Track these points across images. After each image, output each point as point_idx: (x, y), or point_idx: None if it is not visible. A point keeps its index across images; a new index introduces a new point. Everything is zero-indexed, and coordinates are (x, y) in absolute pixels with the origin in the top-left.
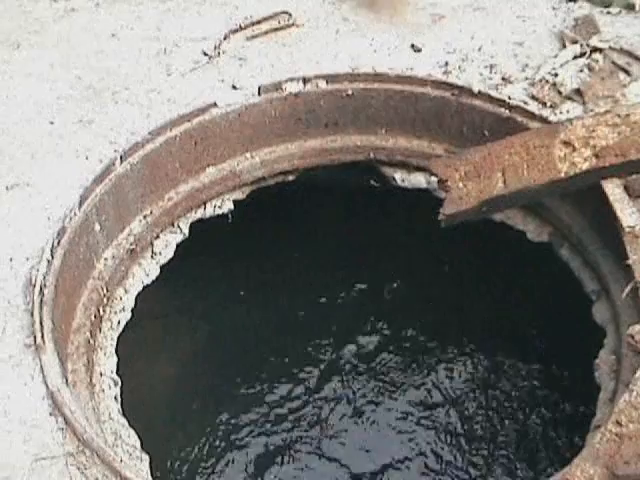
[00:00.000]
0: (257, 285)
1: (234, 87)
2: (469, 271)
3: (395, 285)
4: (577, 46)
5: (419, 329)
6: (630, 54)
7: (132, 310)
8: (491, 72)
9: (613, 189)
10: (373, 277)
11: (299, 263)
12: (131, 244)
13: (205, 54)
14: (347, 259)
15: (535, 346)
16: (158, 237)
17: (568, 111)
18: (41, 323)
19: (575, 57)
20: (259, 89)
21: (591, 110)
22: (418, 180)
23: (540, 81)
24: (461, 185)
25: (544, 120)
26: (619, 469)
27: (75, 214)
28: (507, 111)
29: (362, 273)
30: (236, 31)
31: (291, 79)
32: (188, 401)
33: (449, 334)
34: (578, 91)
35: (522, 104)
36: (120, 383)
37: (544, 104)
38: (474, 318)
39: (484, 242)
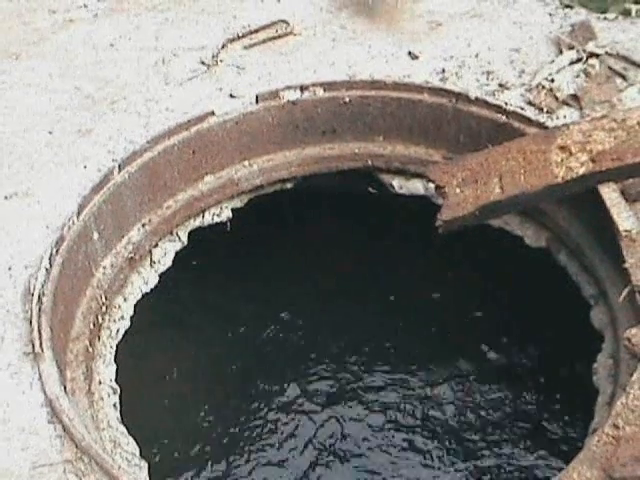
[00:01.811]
0: (256, 293)
1: (232, 95)
2: (467, 277)
3: (393, 292)
4: (573, 52)
5: (418, 335)
6: (626, 59)
7: (131, 318)
8: (488, 78)
9: (610, 193)
10: (371, 284)
11: (298, 270)
12: (130, 252)
13: (203, 63)
14: (346, 266)
15: (533, 351)
16: (157, 245)
17: (565, 116)
18: (39, 331)
19: (571, 63)
20: (257, 97)
21: (588, 115)
22: (416, 187)
23: (537, 87)
24: (458, 191)
25: (541, 125)
26: (616, 472)
27: (74, 223)
28: (504, 117)
29: (361, 280)
30: (234, 40)
31: (289, 87)
32: (187, 409)
33: (447, 340)
34: (575, 96)
35: (519, 110)
36: (119, 391)
37: (541, 110)
38: (472, 324)
39: (482, 248)
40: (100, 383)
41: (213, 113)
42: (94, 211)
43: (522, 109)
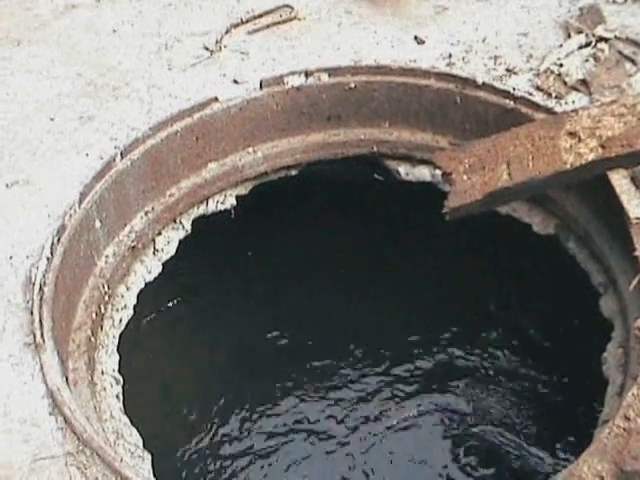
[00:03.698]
0: (260, 281)
1: (235, 81)
2: (474, 265)
3: (399, 279)
4: (582, 36)
5: (424, 323)
6: (636, 43)
7: (134, 307)
8: (495, 63)
9: (619, 180)
10: (377, 271)
11: (302, 258)
12: (132, 241)
13: (206, 49)
14: (351, 253)
15: (542, 339)
16: (160, 234)
17: (574, 102)
18: (41, 321)
19: (580, 47)
20: (261, 83)
21: (597, 100)
22: (422, 173)
23: (545, 72)
24: (465, 178)
25: (549, 111)
26: (627, 464)
27: (75, 211)
28: (512, 102)
29: (366, 267)
30: (237, 25)
31: (293, 73)
32: (191, 398)
33: (454, 328)
34: (584, 81)
35: (527, 95)
36: (122, 381)
37: (549, 95)
38: (479, 312)
39: (489, 235)
40: (103, 373)
41: (216, 99)
42: (96, 199)
43: (530, 94)
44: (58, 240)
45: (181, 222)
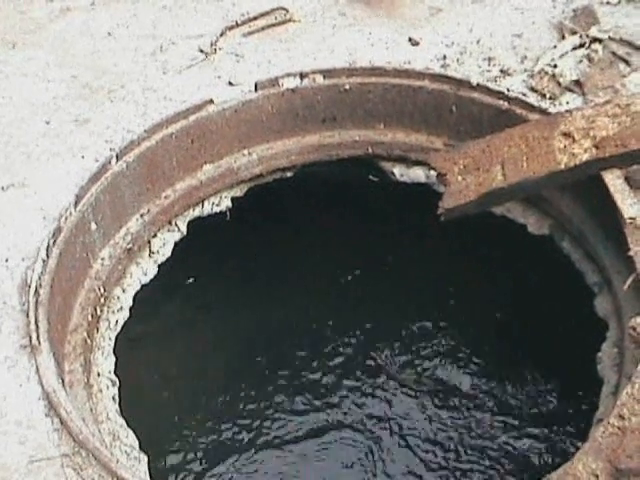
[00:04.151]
0: (256, 283)
1: (230, 83)
2: (469, 265)
3: (394, 280)
4: (576, 37)
5: (419, 324)
6: (630, 44)
7: (130, 310)
8: (489, 64)
9: (614, 180)
10: (372, 272)
11: (298, 259)
12: (128, 243)
13: (201, 51)
14: (346, 254)
15: (537, 340)
16: (155, 236)
17: (568, 102)
18: (36, 324)
19: (574, 48)
20: (256, 85)
21: (591, 101)
22: (417, 174)
23: (539, 73)
24: (460, 178)
25: (543, 112)
26: (622, 463)
27: (71, 213)
28: (506, 103)
29: (361, 268)
30: (232, 28)
31: (288, 74)
32: (188, 400)
33: (449, 328)
34: (577, 82)
35: (521, 96)
36: (118, 383)
37: (543, 96)
38: (475, 312)
39: (484, 236)
40: (99, 375)
41: (212, 101)
42: (92, 201)
43: (524, 95)
44: (54, 242)
45: (176, 224)
